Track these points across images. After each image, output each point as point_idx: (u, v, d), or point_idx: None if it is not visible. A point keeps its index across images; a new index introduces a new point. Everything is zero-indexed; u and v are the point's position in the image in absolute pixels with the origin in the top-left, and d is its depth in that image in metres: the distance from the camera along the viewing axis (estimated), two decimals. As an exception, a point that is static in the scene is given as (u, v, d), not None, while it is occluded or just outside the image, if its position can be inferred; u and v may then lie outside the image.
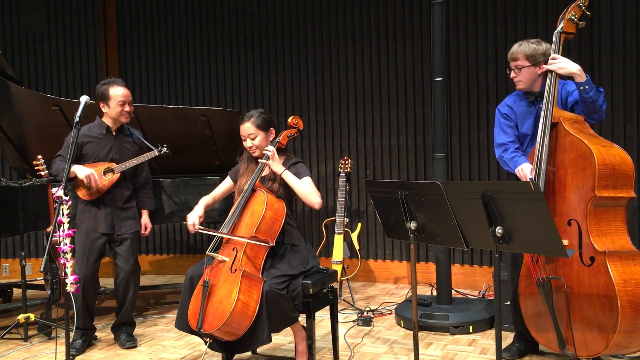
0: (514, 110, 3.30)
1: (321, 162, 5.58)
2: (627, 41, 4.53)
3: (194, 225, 3.19)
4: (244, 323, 2.86)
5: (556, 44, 3.06)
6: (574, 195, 2.88)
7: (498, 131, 3.33)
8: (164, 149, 3.82)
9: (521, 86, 3.22)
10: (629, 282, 2.69)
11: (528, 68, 3.15)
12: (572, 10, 3.05)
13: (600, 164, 2.78)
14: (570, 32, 3.07)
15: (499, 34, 4.92)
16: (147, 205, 3.92)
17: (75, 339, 3.67)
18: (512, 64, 3.20)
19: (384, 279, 5.43)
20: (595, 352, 2.79)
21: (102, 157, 3.68)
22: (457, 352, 3.52)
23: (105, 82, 3.68)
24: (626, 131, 4.51)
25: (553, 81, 3.02)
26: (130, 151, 3.75)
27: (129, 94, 3.69)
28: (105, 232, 3.68)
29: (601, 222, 2.84)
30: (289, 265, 3.08)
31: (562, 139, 2.95)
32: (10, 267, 6.04)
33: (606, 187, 2.79)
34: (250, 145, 3.26)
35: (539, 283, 2.93)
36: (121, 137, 3.76)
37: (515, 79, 3.22)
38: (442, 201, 2.53)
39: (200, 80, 5.96)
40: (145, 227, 3.90)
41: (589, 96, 2.97)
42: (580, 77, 2.98)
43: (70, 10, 6.06)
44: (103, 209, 3.67)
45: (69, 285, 2.82)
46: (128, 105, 3.67)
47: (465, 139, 5.05)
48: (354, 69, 5.46)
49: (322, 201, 3.21)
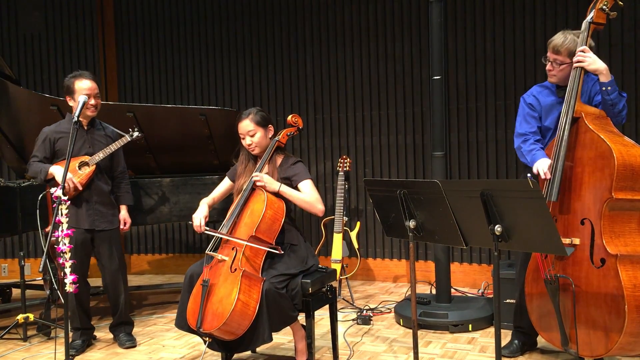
0: (540, 101, 3.21)
1: (320, 161, 5.57)
2: (625, 39, 4.53)
3: (201, 226, 3.18)
4: (244, 323, 2.85)
5: (585, 34, 2.94)
6: (590, 194, 2.81)
7: (520, 120, 3.23)
8: (136, 133, 3.70)
9: (554, 80, 3.13)
10: (638, 287, 2.65)
11: (568, 66, 3.04)
12: (604, 0, 2.91)
13: (620, 165, 2.69)
14: (601, 22, 2.94)
15: (497, 32, 4.92)
16: (125, 200, 3.81)
17: (74, 339, 3.66)
18: (552, 56, 3.08)
19: (383, 278, 5.44)
20: (598, 353, 2.78)
21: (76, 152, 3.57)
22: (457, 350, 3.52)
23: (72, 75, 3.58)
24: (625, 129, 4.52)
25: (578, 74, 2.92)
26: (103, 144, 3.65)
27: (95, 86, 3.58)
28: (88, 229, 3.62)
29: (615, 223, 2.76)
30: (288, 264, 3.08)
31: (582, 135, 2.86)
32: (9, 267, 6.03)
33: (624, 189, 2.71)
34: (250, 143, 3.25)
35: (547, 280, 2.90)
36: (93, 131, 3.68)
37: (550, 72, 3.12)
38: (441, 200, 2.53)
39: (198, 80, 5.95)
40: (125, 223, 3.79)
41: (610, 98, 2.90)
42: (605, 76, 2.90)
43: (68, 9, 6.05)
44: (84, 206, 3.60)
45: (68, 285, 2.81)
46: (94, 99, 3.56)
47: (464, 137, 5.05)
48: (352, 68, 5.45)
49: (324, 208, 3.19)
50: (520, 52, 4.86)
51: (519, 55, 4.86)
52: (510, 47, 4.89)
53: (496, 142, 4.95)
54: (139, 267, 6.16)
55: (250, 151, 3.29)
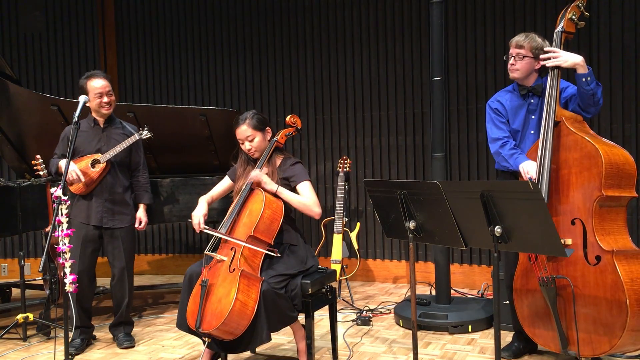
0: (504, 105, 3.27)
1: (320, 162, 5.58)
2: (625, 41, 4.53)
3: (200, 225, 3.17)
4: (243, 322, 2.85)
5: (557, 43, 3.05)
6: (579, 194, 2.86)
7: (491, 126, 3.30)
8: (145, 132, 3.72)
9: (517, 75, 3.19)
10: (635, 281, 2.69)
11: (530, 59, 3.14)
12: (572, 10, 3.05)
13: (607, 163, 2.76)
14: (571, 31, 3.07)
15: (497, 33, 4.93)
16: (143, 199, 3.83)
17: (73, 338, 3.66)
18: (514, 50, 3.17)
19: (382, 279, 5.44)
20: (601, 351, 2.78)
21: (89, 150, 3.65)
22: (456, 351, 3.52)
23: (85, 76, 3.64)
24: (625, 130, 4.52)
25: (555, 79, 3.00)
26: (119, 142, 3.67)
27: (107, 84, 3.63)
28: (97, 225, 3.64)
29: (605, 221, 2.83)
30: (287, 264, 3.08)
31: (564, 137, 2.93)
32: (9, 266, 6.04)
33: (612, 187, 2.79)
34: (249, 148, 3.24)
35: (542, 282, 2.91)
36: (110, 129, 3.72)
37: (512, 67, 3.19)
38: (441, 201, 2.53)
39: (198, 80, 5.95)
40: (140, 221, 3.81)
41: (590, 88, 2.95)
42: (583, 68, 2.96)
43: (69, 9, 6.06)
44: (95, 202, 3.63)
45: (67, 285, 2.81)
46: (106, 97, 3.62)
47: (464, 139, 5.06)
48: (352, 68, 5.46)
49: (321, 211, 3.19)
50: (520, 53, 4.85)
51: (519, 56, 4.86)
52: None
53: (496, 143, 4.95)
54: (138, 267, 6.15)
55: (250, 155, 3.29)
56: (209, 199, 3.37)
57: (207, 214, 3.25)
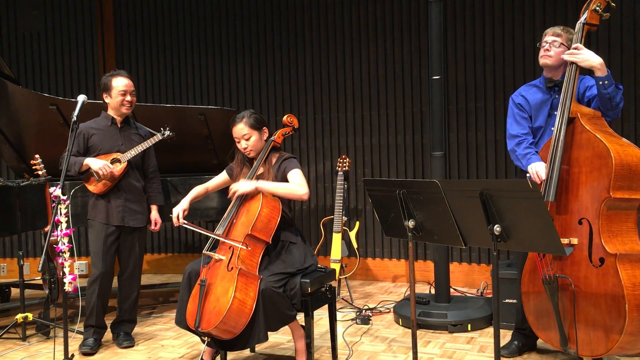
0: (528, 100, 3.22)
1: (319, 161, 5.57)
2: (624, 40, 4.53)
3: (178, 219, 3.17)
4: (241, 321, 2.86)
5: (579, 35, 2.97)
6: (587, 194, 2.82)
7: (511, 121, 3.24)
8: (167, 132, 3.78)
9: (549, 61, 3.12)
10: (638, 286, 2.65)
11: (565, 49, 3.05)
12: (597, 1, 2.94)
13: (617, 164, 2.70)
14: (594, 23, 2.97)
15: (496, 32, 4.93)
16: (156, 200, 3.87)
17: (86, 337, 3.64)
18: (551, 38, 3.11)
19: (382, 278, 5.44)
20: (599, 352, 2.77)
21: (108, 149, 3.66)
22: (456, 350, 3.52)
23: (109, 74, 3.70)
24: (624, 129, 4.52)
25: (573, 74, 2.93)
26: (136, 142, 3.72)
27: (131, 84, 3.69)
28: (118, 225, 3.65)
29: (612, 223, 2.77)
30: (286, 263, 3.08)
31: (578, 135, 2.86)
32: (8, 266, 6.03)
33: (621, 189, 2.72)
34: (245, 147, 3.25)
35: (545, 280, 2.90)
36: (127, 128, 3.76)
37: (546, 53, 3.11)
38: (440, 199, 2.52)
39: (197, 79, 5.95)
40: (155, 223, 3.85)
41: (607, 92, 2.89)
42: (601, 71, 2.89)
43: (68, 9, 6.06)
44: (114, 202, 3.64)
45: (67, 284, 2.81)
46: (129, 96, 3.67)
47: (463, 137, 5.06)
48: (351, 67, 5.46)
49: (307, 191, 3.13)
50: (519, 52, 4.86)
51: (518, 55, 4.87)
52: (510, 47, 4.90)
53: (495, 142, 4.96)
54: (138, 266, 6.16)
55: (245, 154, 3.29)
56: (202, 190, 3.38)
57: (187, 209, 3.24)
